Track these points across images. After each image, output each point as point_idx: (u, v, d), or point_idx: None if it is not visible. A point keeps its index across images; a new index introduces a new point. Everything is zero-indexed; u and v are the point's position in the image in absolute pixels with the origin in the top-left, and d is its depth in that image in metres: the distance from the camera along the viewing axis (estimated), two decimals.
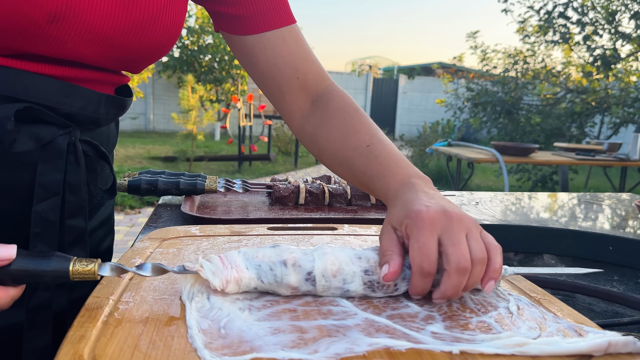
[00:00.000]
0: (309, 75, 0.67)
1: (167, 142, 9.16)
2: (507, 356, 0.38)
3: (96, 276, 0.44)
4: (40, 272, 0.42)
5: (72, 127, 0.53)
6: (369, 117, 0.65)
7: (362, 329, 0.42)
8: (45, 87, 0.50)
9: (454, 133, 9.43)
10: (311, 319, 0.43)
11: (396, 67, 18.61)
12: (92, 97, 0.54)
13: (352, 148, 0.61)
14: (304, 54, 0.67)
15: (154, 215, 0.93)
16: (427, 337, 0.41)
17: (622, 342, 0.38)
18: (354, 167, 0.61)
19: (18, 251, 0.42)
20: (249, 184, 1.06)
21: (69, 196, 0.54)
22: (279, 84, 0.67)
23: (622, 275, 0.82)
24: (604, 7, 6.59)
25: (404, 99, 13.98)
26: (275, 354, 0.37)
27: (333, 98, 0.67)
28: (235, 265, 0.47)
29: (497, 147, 3.82)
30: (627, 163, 3.90)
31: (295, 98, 0.68)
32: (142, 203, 4.53)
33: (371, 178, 0.58)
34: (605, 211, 1.22)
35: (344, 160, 0.62)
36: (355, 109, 0.65)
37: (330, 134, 0.64)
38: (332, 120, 0.65)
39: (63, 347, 0.37)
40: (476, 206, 1.17)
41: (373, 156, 0.59)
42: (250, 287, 0.47)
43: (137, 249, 0.60)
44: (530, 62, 7.63)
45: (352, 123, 0.63)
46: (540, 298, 0.51)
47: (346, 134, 0.62)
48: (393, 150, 0.59)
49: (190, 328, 0.40)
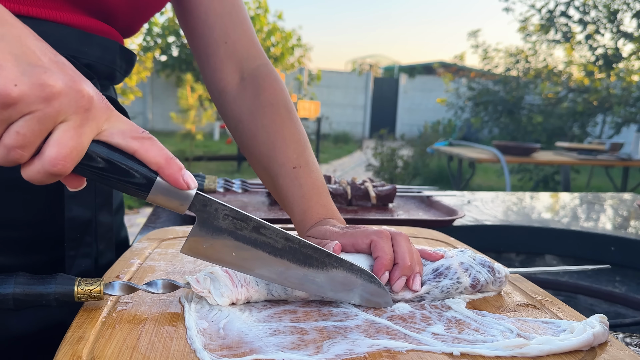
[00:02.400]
0: (238, 45, 0.64)
1: (165, 142, 9.13)
2: (507, 358, 0.38)
3: (102, 296, 0.42)
4: (44, 294, 0.41)
5: (94, 79, 0.52)
6: (298, 122, 0.63)
7: (362, 330, 0.41)
8: (64, 35, 0.50)
9: (455, 132, 9.42)
10: (311, 320, 0.43)
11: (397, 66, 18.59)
12: (108, 46, 0.54)
13: (278, 163, 0.59)
14: (239, 21, 0.64)
15: (153, 216, 0.93)
16: (428, 339, 0.40)
17: (601, 332, 0.41)
18: (276, 184, 0.60)
19: (20, 274, 0.41)
20: (248, 184, 1.05)
21: None
22: (206, 44, 0.63)
23: (624, 276, 0.81)
24: (606, 6, 6.58)
25: (405, 98, 13.97)
26: (275, 355, 0.36)
27: (266, 86, 0.63)
28: (245, 282, 0.45)
29: (499, 147, 3.81)
30: (629, 163, 3.89)
31: (221, 65, 0.64)
32: (140, 203, 4.53)
33: (291, 206, 0.59)
34: (607, 211, 1.21)
35: (268, 172, 0.61)
36: (287, 110, 0.63)
37: (257, 134, 0.62)
38: (261, 117, 0.62)
39: (62, 348, 0.36)
40: (468, 204, 1.16)
41: (297, 183, 0.58)
42: (259, 301, 0.47)
43: (135, 249, 0.60)
44: (531, 61, 7.62)
45: (282, 131, 0.61)
46: (542, 299, 0.50)
47: (274, 143, 0.60)
48: (317, 180, 0.59)
49: (189, 329, 0.40)
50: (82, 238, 0.53)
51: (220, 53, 0.63)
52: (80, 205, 0.52)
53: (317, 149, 8.26)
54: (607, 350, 0.40)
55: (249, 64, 0.65)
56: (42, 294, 0.41)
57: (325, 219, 0.57)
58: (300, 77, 11.32)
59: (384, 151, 6.01)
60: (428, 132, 7.95)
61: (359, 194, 1.04)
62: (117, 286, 0.43)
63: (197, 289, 0.44)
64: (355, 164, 8.33)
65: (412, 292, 0.48)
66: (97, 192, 0.54)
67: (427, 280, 0.49)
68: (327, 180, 1.11)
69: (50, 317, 0.53)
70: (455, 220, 0.94)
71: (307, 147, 0.61)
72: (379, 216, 0.96)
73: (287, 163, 0.59)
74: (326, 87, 13.19)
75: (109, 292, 0.42)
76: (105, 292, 0.42)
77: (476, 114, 7.60)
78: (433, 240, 0.71)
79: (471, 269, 0.50)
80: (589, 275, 0.81)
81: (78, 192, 0.51)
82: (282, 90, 0.64)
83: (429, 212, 1.03)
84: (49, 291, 0.41)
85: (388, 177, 5.84)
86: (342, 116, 13.52)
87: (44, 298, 0.41)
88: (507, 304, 0.49)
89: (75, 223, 0.52)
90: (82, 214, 0.52)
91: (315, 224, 0.57)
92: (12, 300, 0.40)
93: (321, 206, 0.58)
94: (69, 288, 0.41)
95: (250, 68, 0.65)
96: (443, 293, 0.49)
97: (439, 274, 0.49)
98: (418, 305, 0.48)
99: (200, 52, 0.65)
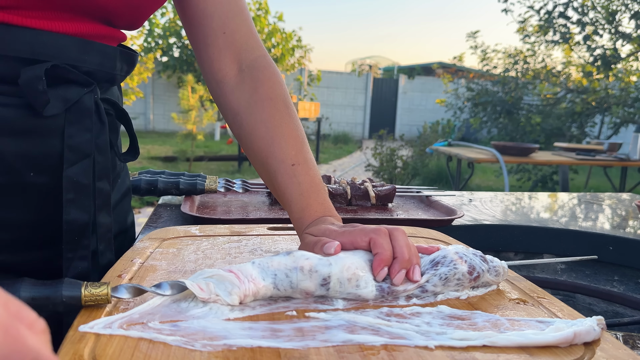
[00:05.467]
0: (237, 35, 0.63)
1: (167, 142, 9.16)
2: (478, 347, 0.39)
3: (109, 299, 0.42)
4: (52, 299, 0.41)
5: (94, 85, 0.52)
6: (296, 117, 0.63)
7: (344, 328, 0.42)
8: (63, 45, 0.49)
9: (454, 133, 9.43)
10: (292, 323, 0.43)
11: (396, 67, 18.59)
12: (108, 52, 0.54)
13: (277, 160, 0.59)
14: (238, 10, 0.64)
15: (154, 215, 0.93)
16: (410, 332, 0.41)
17: (585, 330, 0.40)
18: (275, 181, 0.60)
19: (26, 279, 0.41)
20: (249, 184, 1.06)
21: (97, 157, 0.54)
22: (204, 34, 0.63)
23: (623, 276, 0.82)
24: (604, 7, 6.59)
25: (404, 98, 13.98)
26: (244, 342, 0.38)
27: (264, 79, 0.63)
28: (251, 278, 0.46)
29: (497, 147, 3.82)
30: (627, 163, 3.90)
31: (219, 55, 0.63)
32: (142, 203, 4.53)
33: (290, 203, 0.59)
34: (605, 211, 1.22)
35: (266, 168, 0.61)
36: (285, 105, 0.62)
37: (256, 128, 0.61)
38: (260, 111, 0.62)
39: (63, 347, 0.37)
40: (468, 204, 1.17)
41: (296, 181, 0.58)
42: (265, 297, 0.47)
43: (137, 248, 0.60)
44: (530, 62, 7.63)
45: (280, 127, 0.60)
46: (540, 298, 0.51)
47: (272, 139, 0.60)
48: (315, 178, 0.60)
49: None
50: (80, 241, 0.53)
51: (218, 43, 0.63)
52: (79, 209, 0.52)
53: (317, 150, 8.26)
54: (605, 350, 0.40)
55: (248, 54, 0.64)
56: (49, 298, 0.41)
57: (323, 216, 0.57)
58: (301, 78, 11.33)
59: (383, 151, 6.02)
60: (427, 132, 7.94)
61: (359, 194, 1.04)
62: (124, 289, 0.43)
63: (204, 297, 0.44)
64: (354, 164, 8.33)
65: (412, 283, 0.49)
66: (97, 194, 0.54)
67: (426, 271, 0.50)
68: (327, 180, 1.11)
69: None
70: (454, 220, 0.95)
71: (305, 144, 0.61)
72: (378, 216, 0.96)
73: (285, 160, 0.59)
74: (326, 87, 13.20)
75: (116, 295, 0.43)
76: (113, 295, 0.42)
77: (475, 114, 7.60)
78: (432, 239, 0.72)
79: (465, 256, 0.52)
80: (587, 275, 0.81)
81: (77, 196, 0.52)
82: (281, 84, 0.64)
83: (428, 212, 1.03)
84: (56, 295, 0.41)
85: (387, 177, 5.84)
86: (342, 117, 13.53)
87: (51, 302, 0.41)
88: (506, 302, 0.50)
89: (73, 226, 0.52)
90: (80, 217, 0.53)
91: (313, 221, 0.57)
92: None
93: (319, 204, 0.58)
94: (76, 292, 0.41)
95: (248, 59, 0.64)
96: (442, 280, 0.50)
97: (436, 262, 0.51)
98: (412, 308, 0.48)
99: (199, 42, 0.64)
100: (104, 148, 0.55)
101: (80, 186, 0.52)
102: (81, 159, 0.52)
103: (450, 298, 0.50)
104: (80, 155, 0.52)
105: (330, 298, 0.48)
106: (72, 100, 0.51)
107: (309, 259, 0.47)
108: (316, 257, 0.48)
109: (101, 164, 0.54)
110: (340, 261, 0.48)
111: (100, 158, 0.54)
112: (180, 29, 9.43)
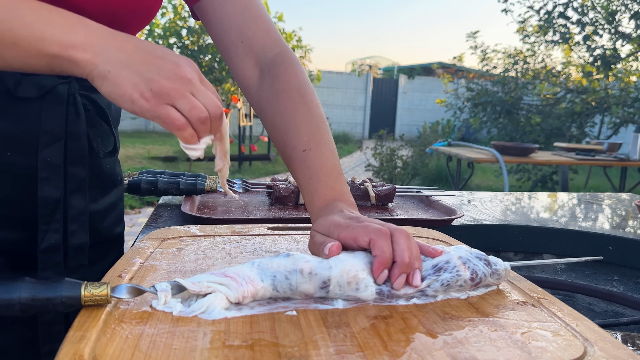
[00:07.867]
0: (254, 41, 0.67)
1: (167, 142, 9.16)
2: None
3: (109, 300, 0.42)
4: (51, 299, 0.41)
5: (70, 78, 0.57)
6: (312, 104, 0.64)
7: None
8: None
9: (454, 133, 9.43)
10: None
11: (396, 67, 18.58)
12: None
13: (290, 146, 0.62)
14: (252, 17, 0.67)
15: (154, 215, 0.93)
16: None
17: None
18: (290, 166, 0.63)
19: (26, 279, 0.41)
20: (249, 184, 1.06)
21: (70, 144, 0.59)
22: (227, 48, 0.67)
23: (622, 275, 0.82)
24: (604, 7, 6.59)
25: (404, 99, 13.97)
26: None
27: (280, 73, 0.65)
28: (249, 280, 0.46)
29: (497, 147, 3.82)
30: (627, 163, 3.90)
31: (242, 63, 0.67)
32: (142, 203, 4.53)
33: (301, 186, 0.61)
34: (605, 211, 1.22)
35: (284, 157, 0.64)
36: (300, 94, 0.64)
37: (274, 120, 0.64)
38: (276, 104, 0.64)
39: (63, 347, 0.37)
40: (468, 204, 1.17)
41: (307, 166, 0.60)
42: (264, 298, 0.47)
43: (137, 249, 0.60)
44: (530, 62, 7.63)
45: (294, 115, 0.63)
46: (540, 298, 0.51)
47: (286, 127, 0.63)
48: (327, 162, 0.60)
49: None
50: (53, 215, 0.58)
51: (239, 52, 0.67)
52: (51, 186, 0.58)
53: None
54: (605, 349, 0.40)
55: (265, 55, 0.67)
56: (48, 298, 0.41)
57: (332, 201, 0.57)
58: None
59: (383, 151, 6.01)
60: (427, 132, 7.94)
61: (359, 194, 1.04)
62: (124, 289, 0.43)
63: (196, 290, 0.44)
64: (354, 164, 8.33)
65: (413, 287, 0.49)
66: (68, 178, 0.60)
67: (427, 276, 0.50)
68: None
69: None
70: (454, 219, 0.95)
71: (319, 129, 0.62)
72: (378, 216, 0.96)
73: (298, 146, 0.61)
74: (326, 88, 13.20)
75: (116, 295, 0.43)
76: (113, 296, 0.43)
77: (475, 114, 7.60)
78: (432, 239, 0.72)
79: (469, 262, 0.51)
80: (587, 275, 0.82)
81: (50, 174, 0.58)
82: (295, 75, 0.66)
83: (428, 212, 1.03)
84: (55, 296, 0.41)
85: (387, 177, 5.84)
86: (342, 117, 13.52)
87: (50, 303, 0.41)
88: (506, 302, 0.50)
89: (46, 201, 0.58)
90: (52, 194, 0.58)
91: (322, 207, 0.57)
92: (19, 305, 0.40)
93: (329, 188, 0.58)
94: (76, 292, 0.41)
95: (267, 59, 0.67)
96: (443, 286, 0.49)
97: (439, 268, 0.50)
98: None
99: (225, 56, 0.69)
100: (78, 136, 0.59)
101: (52, 166, 0.57)
102: (53, 142, 0.57)
103: (450, 298, 0.50)
104: (53, 139, 0.57)
105: (330, 298, 0.48)
106: (47, 87, 0.56)
107: (308, 262, 0.47)
108: (316, 259, 0.48)
109: (74, 150, 0.59)
110: (340, 264, 0.47)
111: (73, 145, 0.59)
112: (180, 29, 9.45)
